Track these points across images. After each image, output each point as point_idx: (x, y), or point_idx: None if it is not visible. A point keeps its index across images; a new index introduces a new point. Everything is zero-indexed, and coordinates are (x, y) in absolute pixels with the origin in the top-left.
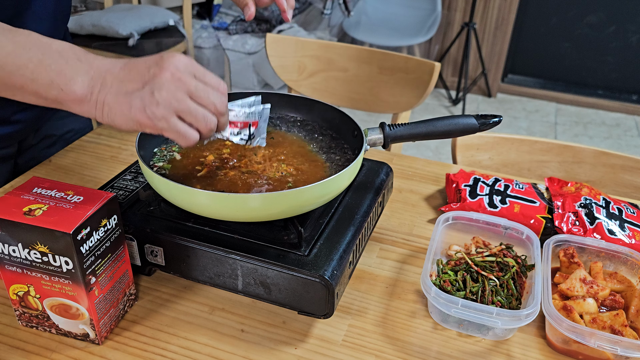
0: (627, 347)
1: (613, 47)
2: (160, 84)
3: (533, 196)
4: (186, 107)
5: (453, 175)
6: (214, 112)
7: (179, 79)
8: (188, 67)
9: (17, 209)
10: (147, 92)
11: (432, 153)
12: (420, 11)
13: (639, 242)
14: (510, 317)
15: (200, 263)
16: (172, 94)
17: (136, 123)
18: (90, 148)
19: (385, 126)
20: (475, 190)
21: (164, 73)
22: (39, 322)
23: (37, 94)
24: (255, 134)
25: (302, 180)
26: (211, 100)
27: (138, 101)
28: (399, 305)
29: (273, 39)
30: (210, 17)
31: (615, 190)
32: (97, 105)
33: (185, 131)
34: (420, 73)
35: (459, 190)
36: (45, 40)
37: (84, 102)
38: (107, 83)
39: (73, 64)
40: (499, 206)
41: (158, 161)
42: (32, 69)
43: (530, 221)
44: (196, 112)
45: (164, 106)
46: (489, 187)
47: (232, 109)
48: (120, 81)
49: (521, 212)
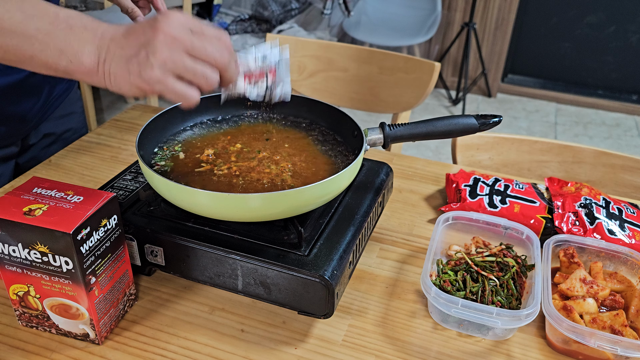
0: (627, 347)
1: (613, 47)
2: (154, 46)
3: (533, 196)
4: (182, 66)
5: (453, 175)
6: (215, 66)
7: (173, 38)
8: (183, 23)
9: (17, 209)
10: (143, 56)
11: (432, 153)
12: (420, 11)
13: (639, 242)
14: (510, 317)
15: (200, 263)
16: (166, 55)
17: (137, 88)
18: (90, 148)
19: (385, 126)
20: (475, 190)
21: (157, 35)
22: (39, 322)
23: (47, 65)
24: (275, 86)
25: (302, 180)
26: (210, 54)
27: (135, 66)
28: (399, 305)
29: (273, 39)
30: (210, 17)
31: (615, 190)
32: (105, 75)
33: (183, 91)
34: (420, 73)
35: (459, 190)
36: (52, 10)
37: (93, 74)
38: (111, 52)
39: (80, 33)
40: (499, 206)
41: (160, 160)
42: (40, 40)
43: (530, 221)
44: (194, 69)
45: (159, 68)
46: (489, 187)
47: (243, 61)
48: (121, 48)
49: (521, 212)
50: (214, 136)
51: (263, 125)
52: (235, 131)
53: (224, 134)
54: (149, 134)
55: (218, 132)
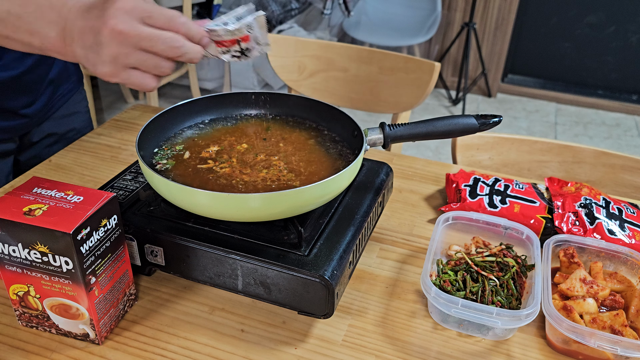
0: (627, 347)
1: (613, 47)
2: (102, 41)
3: (533, 196)
4: (134, 60)
5: (453, 175)
6: (168, 57)
7: (120, 33)
8: (131, 11)
9: (17, 209)
10: (95, 49)
11: (432, 153)
12: (420, 11)
13: (639, 242)
14: (510, 317)
15: (200, 263)
16: (115, 50)
17: (101, 76)
18: (90, 148)
19: (385, 126)
20: (475, 190)
21: (105, 28)
22: (39, 322)
23: (24, 44)
24: (250, 47)
25: (302, 180)
26: (161, 46)
27: (91, 58)
28: (399, 305)
29: (273, 39)
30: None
31: (615, 190)
32: (76, 57)
33: (139, 81)
34: (420, 73)
35: (459, 190)
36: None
37: (67, 55)
38: (73, 36)
39: (47, 13)
40: (499, 206)
41: (161, 159)
42: (12, 22)
43: (530, 221)
44: (145, 62)
45: (110, 63)
46: (489, 187)
47: (214, 29)
48: (81, 33)
49: (521, 212)
50: (214, 136)
51: (263, 125)
52: (235, 131)
53: (223, 134)
54: (149, 134)
55: (218, 132)
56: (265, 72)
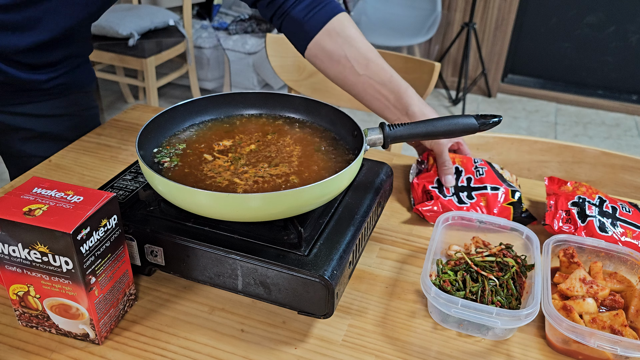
0: (626, 347)
1: (613, 47)
2: None
3: (495, 182)
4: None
5: (416, 179)
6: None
7: None
8: None
9: (17, 209)
10: None
11: None
12: (420, 11)
13: (632, 239)
14: (510, 317)
15: (200, 263)
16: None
17: None
18: (90, 148)
19: (385, 126)
20: (442, 191)
21: None
22: (39, 322)
23: None
24: None
25: (302, 180)
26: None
27: None
28: (398, 305)
29: (273, 39)
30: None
31: (615, 190)
32: None
33: None
34: (420, 73)
35: (428, 192)
36: None
37: None
38: None
39: None
40: (468, 202)
41: (161, 159)
42: None
43: (496, 210)
44: None
45: None
46: (452, 187)
47: None
48: None
49: (488, 204)
50: (213, 136)
51: (263, 125)
52: (234, 131)
53: (223, 134)
54: (149, 134)
55: (218, 132)
56: (265, 72)
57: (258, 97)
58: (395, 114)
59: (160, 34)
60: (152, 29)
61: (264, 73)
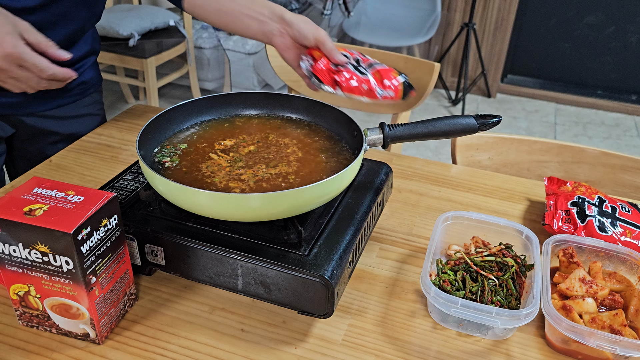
0: (626, 347)
1: (612, 47)
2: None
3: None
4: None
5: (316, 66)
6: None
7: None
8: (8, 58)
9: (18, 209)
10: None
11: (431, 153)
12: (420, 11)
13: (631, 239)
14: (510, 317)
15: (200, 263)
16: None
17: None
18: (91, 148)
19: (384, 126)
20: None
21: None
22: (39, 322)
23: None
24: None
25: (302, 180)
26: (23, 85)
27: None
28: (398, 305)
29: None
30: None
31: (615, 190)
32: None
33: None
34: (420, 73)
35: (335, 68)
36: None
37: None
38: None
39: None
40: (367, 74)
41: (162, 159)
42: None
43: (387, 84)
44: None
45: None
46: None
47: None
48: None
49: (380, 78)
50: (214, 136)
51: (263, 125)
52: (234, 131)
53: (223, 134)
54: (149, 134)
55: (218, 132)
56: (265, 72)
57: (258, 97)
58: (273, 25)
59: (161, 34)
60: (152, 30)
61: (264, 73)
